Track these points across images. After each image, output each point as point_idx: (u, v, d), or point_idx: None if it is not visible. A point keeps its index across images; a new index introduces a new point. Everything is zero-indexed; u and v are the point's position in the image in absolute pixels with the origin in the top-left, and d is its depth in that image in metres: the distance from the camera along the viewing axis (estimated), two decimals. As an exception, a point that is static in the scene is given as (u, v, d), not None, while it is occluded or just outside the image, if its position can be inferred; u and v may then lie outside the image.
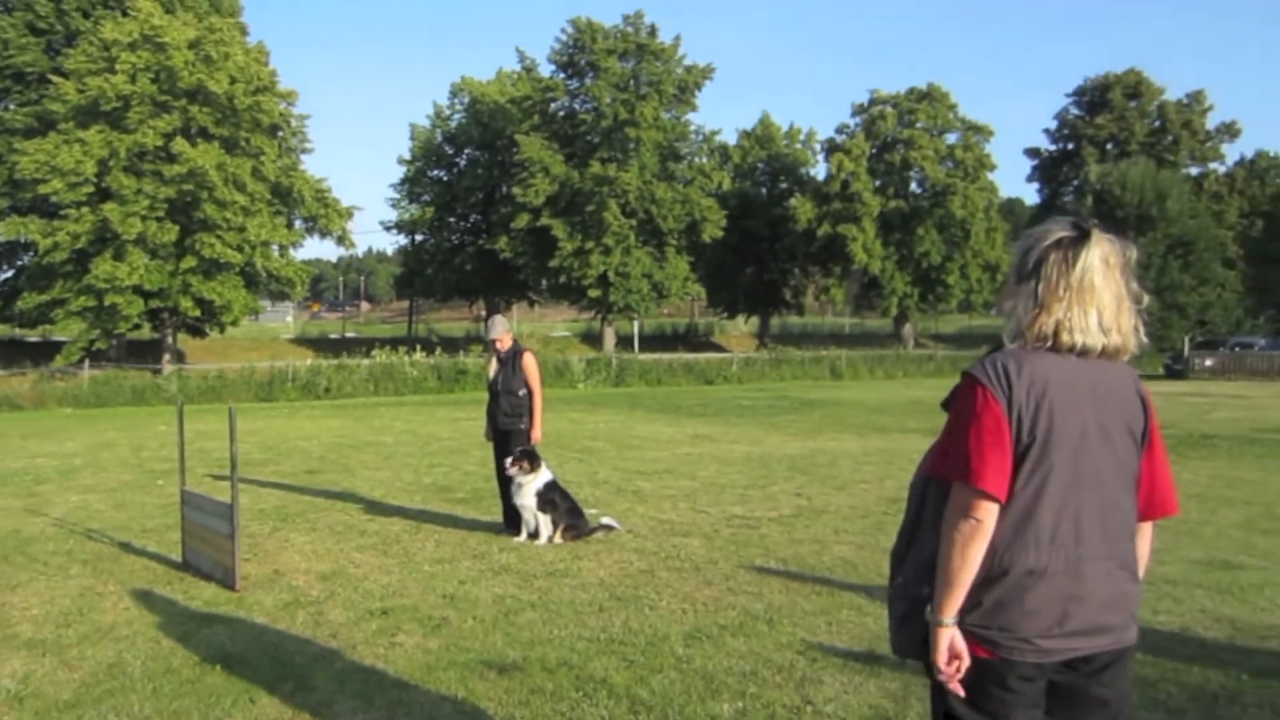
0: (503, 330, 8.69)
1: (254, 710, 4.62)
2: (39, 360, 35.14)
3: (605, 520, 8.46)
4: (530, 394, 8.62)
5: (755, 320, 62.77)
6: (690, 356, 38.62)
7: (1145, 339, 2.46)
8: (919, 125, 53.04)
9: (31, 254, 36.42)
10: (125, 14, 34.65)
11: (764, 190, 59.30)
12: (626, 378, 32.76)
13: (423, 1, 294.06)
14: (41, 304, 34.60)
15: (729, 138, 60.85)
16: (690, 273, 48.46)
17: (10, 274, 40.53)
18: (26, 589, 6.86)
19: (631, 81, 45.65)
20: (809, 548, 7.70)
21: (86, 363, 31.47)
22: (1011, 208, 70.00)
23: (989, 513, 2.30)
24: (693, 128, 48.53)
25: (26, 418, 23.72)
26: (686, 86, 46.65)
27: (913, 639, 2.45)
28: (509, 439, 8.51)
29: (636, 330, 49.03)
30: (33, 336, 44.33)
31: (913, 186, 54.38)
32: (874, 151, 53.46)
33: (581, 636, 5.57)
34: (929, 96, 53.58)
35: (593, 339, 52.64)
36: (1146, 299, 2.48)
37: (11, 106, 38.50)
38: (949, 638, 2.34)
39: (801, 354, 38.35)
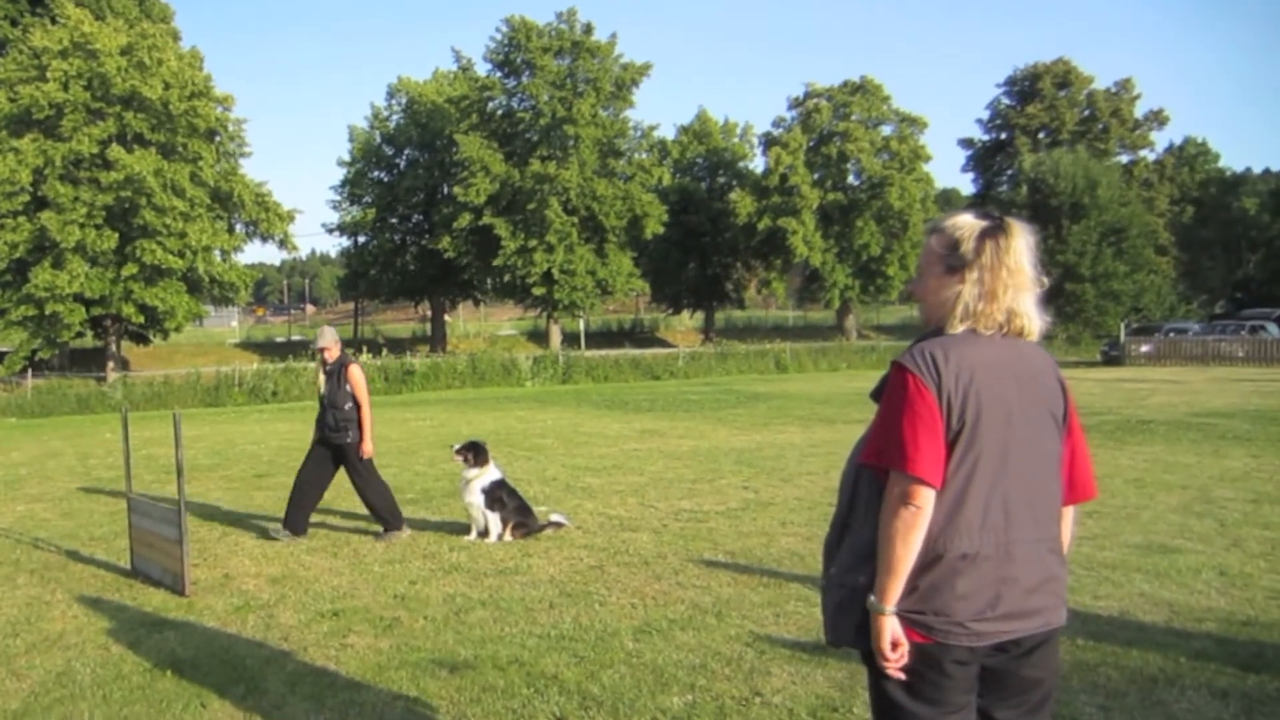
0: (329, 340, 8.49)
1: (205, 714, 4.59)
2: (-17, 372, 34.29)
3: (554, 517, 8.47)
4: (358, 407, 8.35)
5: (700, 315, 63.04)
6: (636, 352, 38.66)
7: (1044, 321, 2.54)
8: (854, 118, 53.55)
9: (-31, 264, 35.52)
10: (54, 21, 33.93)
11: (704, 185, 59.54)
12: (573, 375, 32.73)
13: (358, 3, 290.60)
14: (-19, 314, 33.76)
15: (668, 133, 61.06)
16: (634, 269, 48.55)
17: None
18: (-31, 600, 6.73)
19: (568, 79, 45.57)
20: (756, 540, 7.78)
21: (29, 372, 30.81)
22: (948, 198, 71.11)
23: (927, 499, 2.35)
24: (631, 124, 48.57)
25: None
26: (624, 84, 46.66)
27: (850, 627, 2.48)
28: (341, 452, 8.39)
29: (582, 327, 48.97)
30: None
31: (850, 179, 54.88)
32: (811, 145, 53.88)
33: (532, 633, 5.60)
34: (863, 89, 54.15)
35: (539, 337, 52.53)
36: (1045, 281, 2.56)
37: (-57, 116, 37.49)
38: (891, 625, 2.38)
39: (746, 347, 38.57)
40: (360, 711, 4.57)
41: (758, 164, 59.14)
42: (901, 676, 2.41)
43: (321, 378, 8.54)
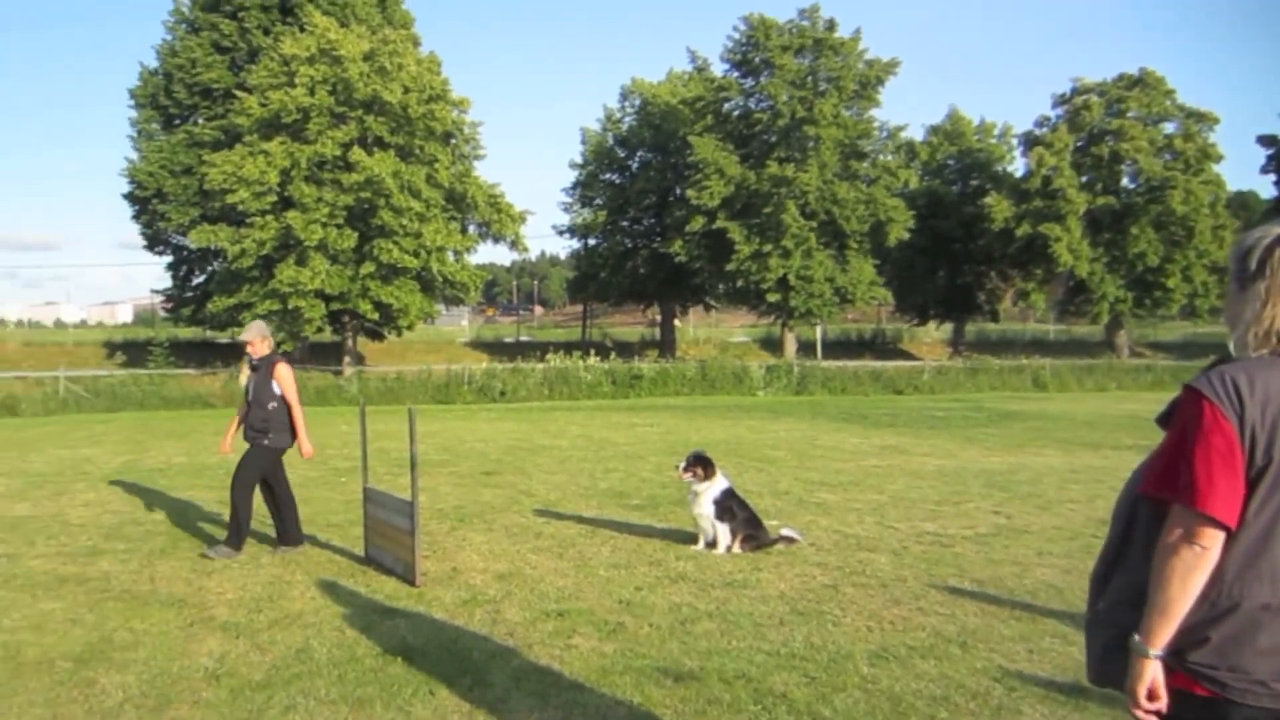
0: (256, 334, 8.38)
1: (434, 702, 4.85)
2: (229, 361, 37.81)
3: (786, 531, 8.43)
4: (288, 407, 8.24)
5: (948, 326, 61.08)
6: (877, 364, 37.96)
7: None
8: (1130, 114, 50.33)
9: (220, 260, 39.13)
10: (303, 30, 36.77)
11: (955, 189, 57.59)
12: (809, 385, 32.46)
13: (592, 5, 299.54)
14: (230, 307, 37.10)
15: (916, 134, 59.47)
16: (876, 276, 47.57)
17: (202, 279, 43.70)
18: (221, 575, 7.44)
19: (809, 78, 45.17)
20: (1008, 569, 7.47)
21: (273, 364, 33.50)
22: (1244, 202, 65.51)
23: (1215, 541, 2.20)
24: (876, 124, 47.60)
25: (219, 415, 25.39)
26: (868, 82, 45.79)
27: (1119, 669, 2.37)
28: (248, 451, 8.24)
29: (819, 336, 48.46)
30: (222, 338, 47.53)
31: (1124, 181, 51.59)
32: (1079, 144, 51.07)
33: (760, 649, 5.59)
34: (1141, 83, 50.79)
35: (772, 345, 52.34)
36: None
37: (200, 121, 41.54)
38: (1154, 670, 2.26)
39: (1000, 362, 37.07)
40: (583, 712, 4.70)
41: (1017, 166, 56.67)
42: None
43: (246, 375, 8.47)
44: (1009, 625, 6.04)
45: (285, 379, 8.24)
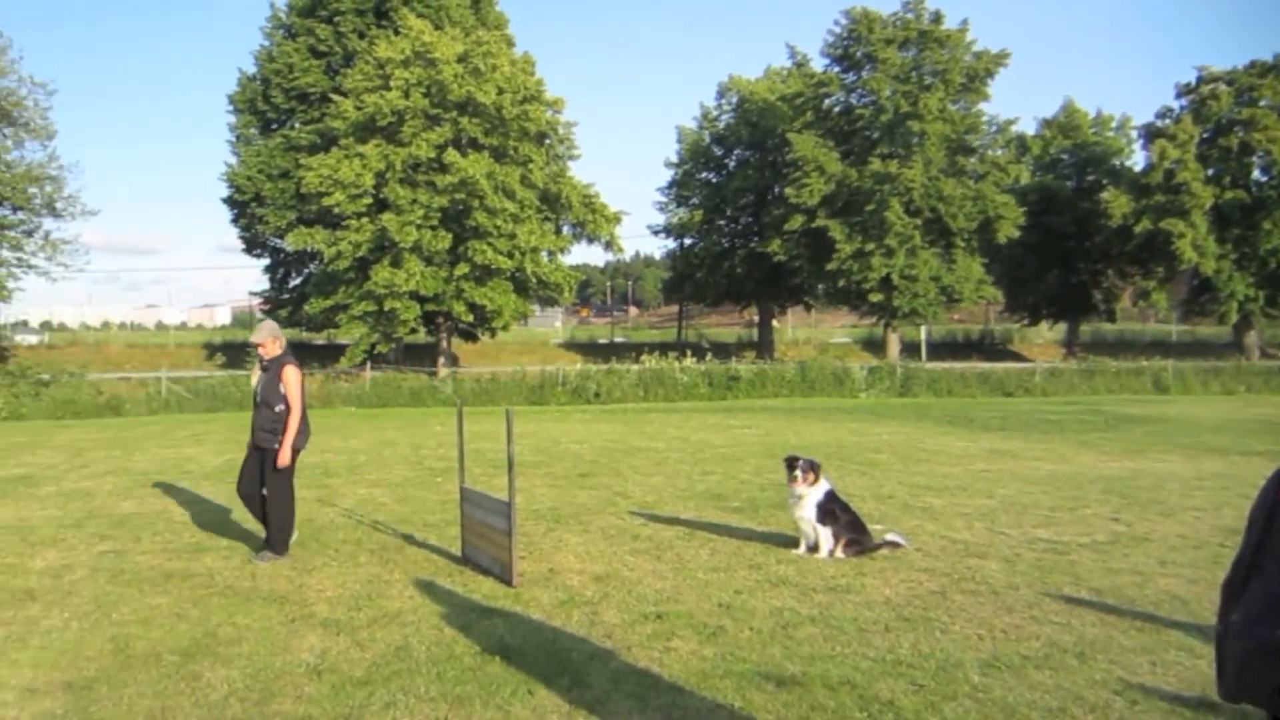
0: (267, 335, 8.31)
1: (532, 701, 4.90)
2: (325, 362, 38.85)
3: (891, 536, 8.30)
4: (288, 410, 8.16)
5: (1061, 327, 59.66)
6: (985, 366, 37.29)
7: None
8: (1263, 104, 48.49)
9: (317, 262, 40.23)
10: (397, 33, 37.56)
11: (1070, 184, 56.21)
12: (913, 387, 32.00)
13: (688, 3, 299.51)
14: (326, 309, 38.13)
15: (1028, 128, 58.22)
16: (984, 275, 46.74)
17: (299, 281, 44.98)
18: (321, 573, 7.62)
19: (914, 72, 44.58)
20: (1128, 578, 7.25)
21: (368, 365, 34.39)
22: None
23: None
24: (985, 118, 46.75)
25: (315, 415, 25.80)
26: (976, 74, 44.98)
27: (1257, 683, 2.28)
28: (267, 457, 8.21)
29: (924, 337, 47.74)
30: (319, 340, 48.94)
31: (1255, 174, 49.76)
32: (1205, 136, 49.37)
33: (865, 656, 5.53)
34: (1276, 70, 48.90)
35: (875, 346, 51.79)
36: None
37: (297, 125, 42.79)
38: None
39: (1117, 364, 36.02)
40: (684, 716, 4.70)
41: (1136, 159, 55.12)
42: None
43: (257, 373, 8.42)
44: (1130, 636, 5.86)
45: (291, 382, 8.18)
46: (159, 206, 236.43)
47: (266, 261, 46.04)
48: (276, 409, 8.12)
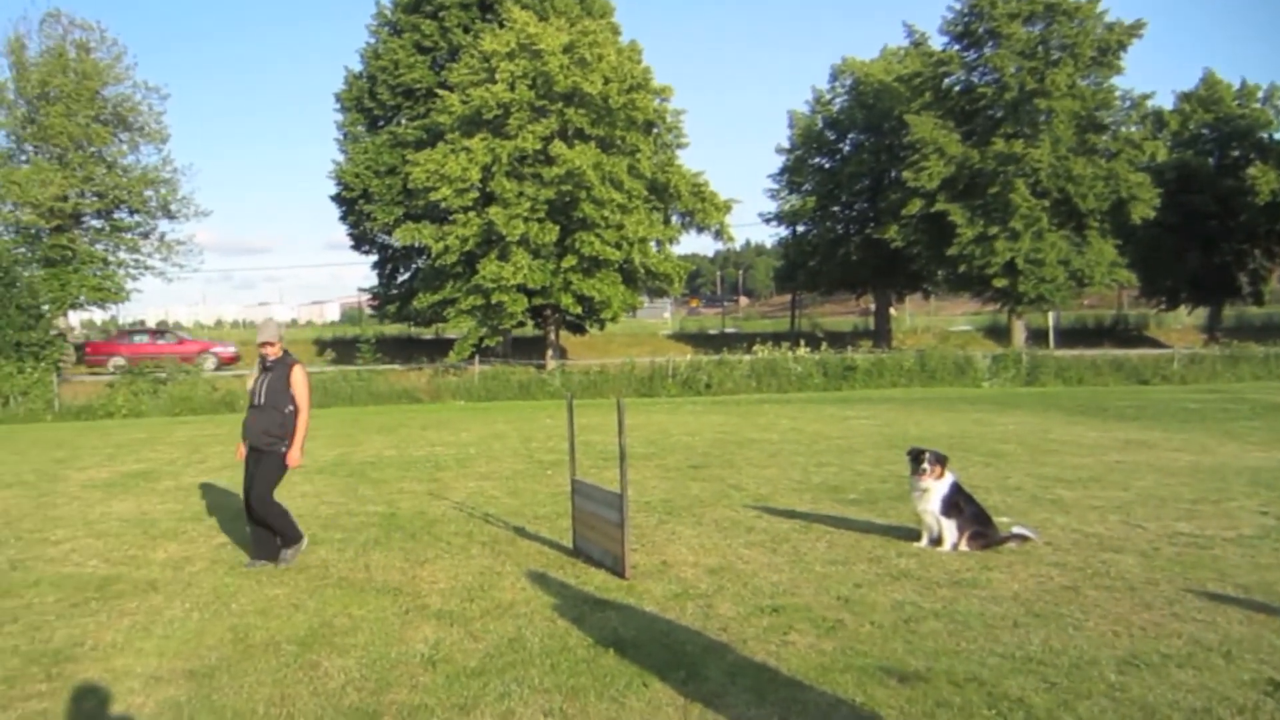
0: (275, 334, 8.11)
1: (647, 694, 4.94)
2: (434, 356, 39.73)
3: (1018, 529, 8.14)
4: (296, 411, 8.04)
5: (1201, 311, 57.51)
6: (1118, 352, 36.22)
7: None
8: None
9: (425, 257, 40.94)
10: (502, 25, 37.97)
11: (1211, 160, 54.05)
12: (1040, 376, 31.26)
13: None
14: (434, 304, 38.84)
15: (1165, 102, 56.11)
16: (1117, 258, 45.26)
17: (406, 276, 45.92)
18: (434, 565, 7.80)
19: (1040, 47, 43.30)
20: (1278, 574, 6.97)
21: (476, 358, 34.97)
22: None
23: None
24: (1118, 93, 45.20)
25: (425, 409, 26.65)
26: (1108, 47, 43.45)
27: None
28: (262, 459, 7.99)
29: (1051, 323, 46.54)
30: (427, 334, 49.93)
31: None
32: (1363, 104, 47.07)
33: (993, 652, 5.43)
34: None
35: (998, 333, 50.67)
36: None
37: (403, 121, 43.66)
38: None
39: (1265, 349, 34.59)
40: (803, 710, 4.68)
41: (1286, 133, 52.69)
42: None
43: (256, 374, 8.21)
44: (1281, 635, 5.65)
45: (300, 384, 8.10)
46: (270, 206, 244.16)
47: (375, 257, 47.12)
48: (286, 410, 8.00)
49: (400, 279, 46.53)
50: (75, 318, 42.50)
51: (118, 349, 38.82)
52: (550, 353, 39.74)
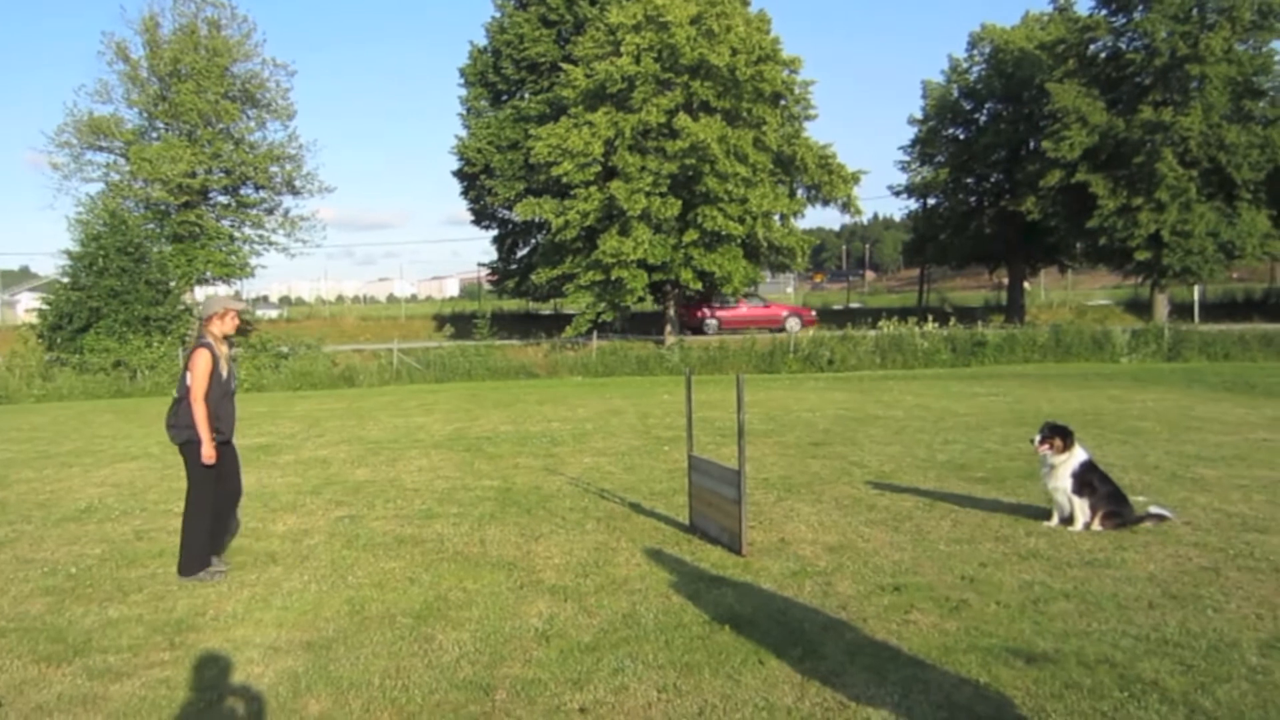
0: (209, 309, 7.26)
1: (763, 671, 4.92)
2: (551, 332, 40.23)
3: (1155, 509, 7.89)
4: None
5: (1362, 284, 54.59)
6: (1269, 326, 34.68)
7: None
8: None
9: (544, 232, 41.31)
10: (629, -2, 37.95)
11: (1378, 124, 51.12)
12: (1182, 351, 30.19)
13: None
14: (553, 279, 39.21)
15: (1331, 65, 53.06)
16: (1271, 229, 43.23)
17: (525, 251, 46.41)
18: (548, 540, 7.90)
19: (1194, 10, 41.45)
20: None
21: (594, 334, 35.21)
22: None
23: None
24: (1278, 58, 43.09)
25: (541, 385, 27.04)
26: (1270, 10, 41.34)
27: None
28: (181, 452, 7.16)
29: (1197, 297, 44.76)
30: (545, 310, 50.51)
31: None
32: None
33: (1126, 633, 5.28)
34: None
35: (1138, 307, 48.95)
36: None
37: (527, 96, 44.04)
38: None
39: None
40: (925, 690, 4.61)
41: None
42: None
43: (226, 359, 7.32)
44: None
45: (192, 367, 7.07)
46: (391, 181, 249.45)
47: (495, 233, 47.75)
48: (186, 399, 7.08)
49: (520, 254, 47.05)
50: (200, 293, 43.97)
51: (713, 312, 40.76)
52: (669, 328, 39.82)
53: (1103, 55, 44.47)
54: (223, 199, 42.86)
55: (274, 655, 5.48)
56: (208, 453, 6.99)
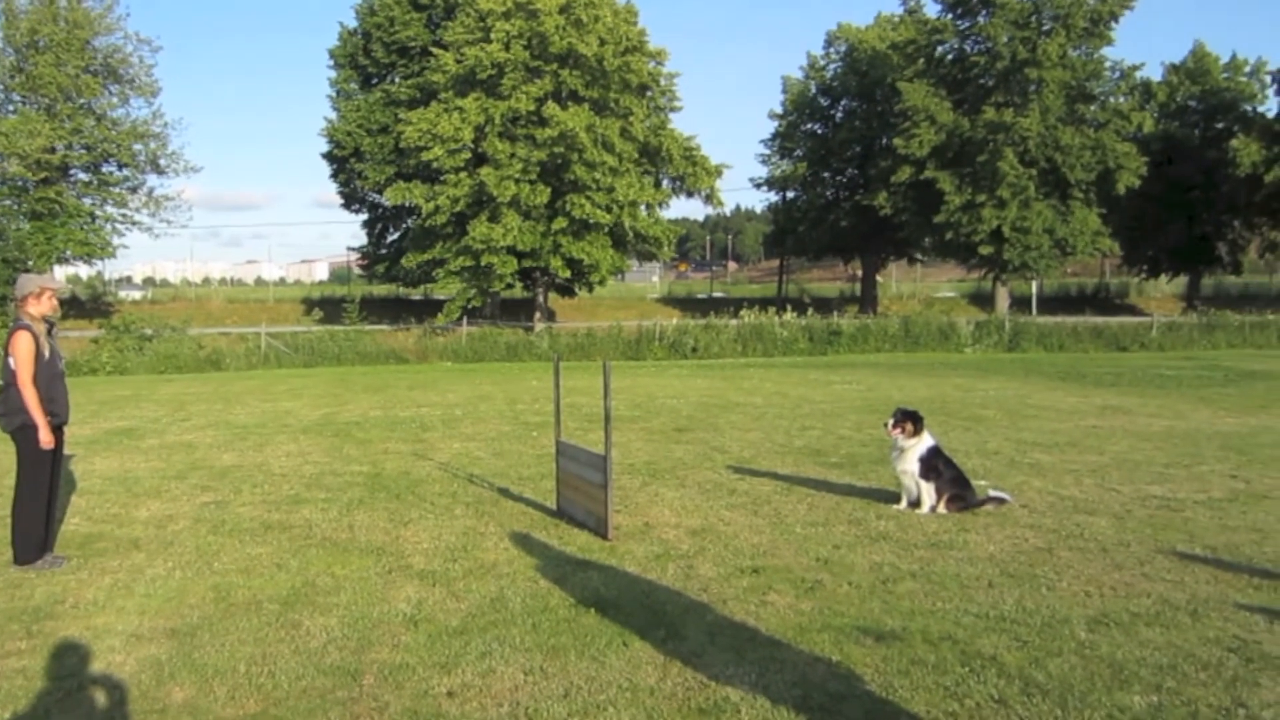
0: (23, 289, 6.87)
1: (627, 653, 4.97)
2: (422, 317, 39.74)
3: (995, 493, 8.22)
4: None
5: (1181, 280, 57.64)
6: (1099, 320, 36.33)
7: None
8: None
9: (415, 217, 40.75)
10: (499, -16, 37.60)
11: (1196, 132, 53.93)
12: (1021, 342, 31.42)
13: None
14: (424, 264, 38.79)
15: (1154, 74, 55.85)
16: (1101, 227, 45.31)
17: (396, 236, 45.72)
18: (417, 525, 7.82)
19: (1033, 17, 43.13)
20: (1246, 536, 7.06)
21: (464, 320, 34.90)
22: None
23: None
24: (1108, 64, 45.06)
25: (412, 370, 26.68)
26: (1100, 18, 43.26)
27: None
28: (13, 439, 6.89)
29: (1034, 291, 46.64)
30: (416, 295, 49.83)
31: (1402, 118, 47.13)
32: (1347, 79, 46.92)
33: (968, 611, 5.49)
34: None
35: (982, 300, 50.81)
36: None
37: (397, 80, 43.36)
38: None
39: (1241, 318, 34.74)
40: (780, 669, 4.72)
41: (1269, 105, 52.58)
42: None
43: (43, 336, 6.90)
44: (1246, 594, 5.72)
45: (14, 349, 6.72)
46: (259, 163, 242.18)
47: (365, 216, 46.91)
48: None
49: (390, 239, 46.36)
50: (60, 273, 41.95)
51: None
52: (539, 315, 39.69)
53: (949, 57, 45.90)
54: (84, 176, 41.12)
55: (136, 643, 5.29)
56: (45, 437, 6.75)
